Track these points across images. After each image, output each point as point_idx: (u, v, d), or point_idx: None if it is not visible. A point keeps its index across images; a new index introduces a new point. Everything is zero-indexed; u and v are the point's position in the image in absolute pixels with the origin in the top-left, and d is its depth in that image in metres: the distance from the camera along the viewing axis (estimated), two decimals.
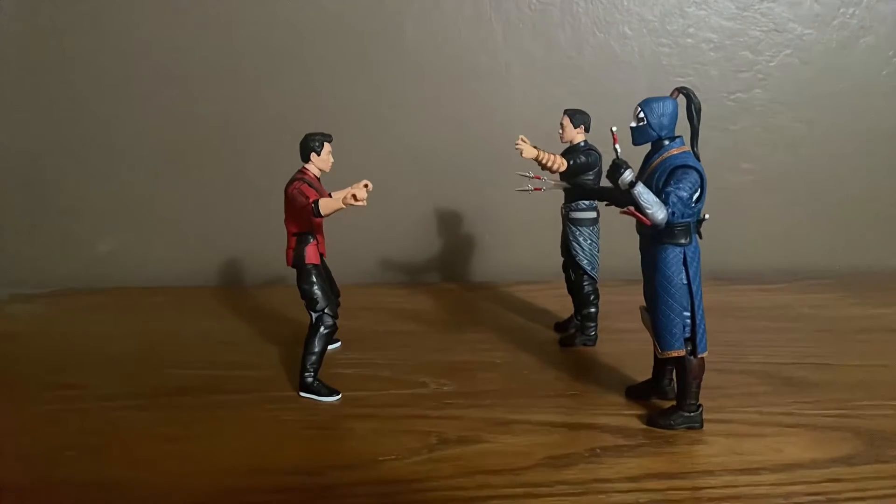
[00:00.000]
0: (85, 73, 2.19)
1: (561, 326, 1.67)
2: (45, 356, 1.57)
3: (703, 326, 1.10)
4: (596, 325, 1.56)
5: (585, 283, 1.54)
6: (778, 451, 1.05)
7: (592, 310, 1.55)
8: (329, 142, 1.35)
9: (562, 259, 1.60)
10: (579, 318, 1.59)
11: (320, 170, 1.35)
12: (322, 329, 1.31)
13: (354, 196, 1.18)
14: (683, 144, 1.10)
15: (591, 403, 1.24)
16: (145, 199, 2.27)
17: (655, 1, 2.11)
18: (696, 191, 1.05)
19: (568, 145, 1.51)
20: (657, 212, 1.02)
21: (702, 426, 1.12)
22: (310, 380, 1.30)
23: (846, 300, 1.87)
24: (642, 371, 1.28)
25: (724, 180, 2.18)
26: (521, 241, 2.18)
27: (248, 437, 1.14)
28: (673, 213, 1.03)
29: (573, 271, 1.56)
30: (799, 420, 1.16)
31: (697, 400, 1.12)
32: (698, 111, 1.10)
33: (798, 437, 1.10)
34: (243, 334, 1.70)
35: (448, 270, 2.27)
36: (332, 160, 1.36)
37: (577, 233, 1.51)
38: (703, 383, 1.12)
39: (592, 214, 1.51)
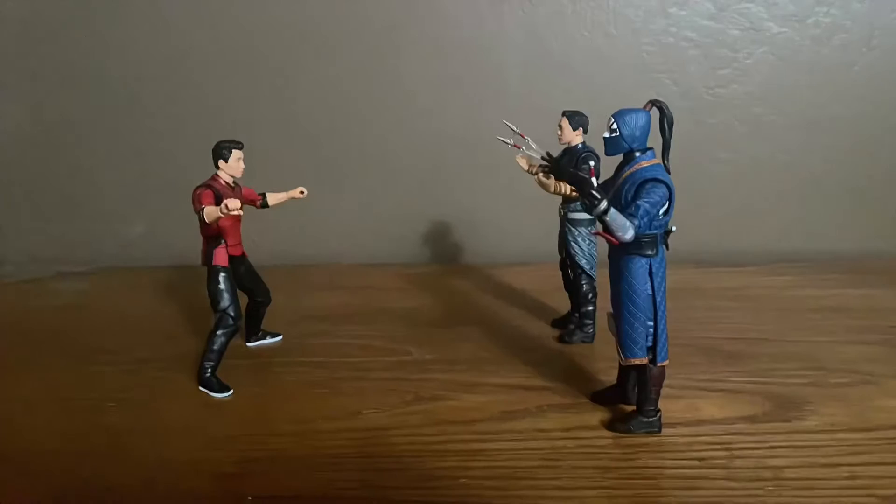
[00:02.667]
0: (125, 68, 2.43)
1: (559, 322, 1.72)
2: (88, 326, 1.83)
3: (665, 336, 1.13)
4: (594, 323, 1.60)
5: (584, 282, 1.58)
6: (695, 410, 1.25)
7: (590, 308, 1.59)
8: (239, 149, 1.40)
9: (559, 257, 1.66)
10: (577, 315, 1.63)
11: (231, 176, 1.41)
12: (221, 328, 1.38)
13: (227, 206, 1.21)
14: (654, 157, 1.11)
15: (549, 371, 1.45)
16: (173, 187, 2.50)
17: (639, 3, 2.26)
18: (664, 204, 1.07)
19: (566, 146, 1.56)
20: (627, 233, 1.04)
21: (660, 430, 1.16)
22: (207, 375, 1.38)
23: (807, 282, 2.04)
24: (607, 358, 1.43)
25: (703, 169, 2.35)
26: (515, 227, 2.37)
27: (255, 392, 1.38)
28: (639, 227, 1.05)
29: (571, 270, 1.61)
30: (722, 386, 1.35)
31: (657, 406, 1.16)
32: (671, 125, 1.10)
33: (716, 399, 1.29)
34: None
35: (454, 253, 2.48)
36: (242, 166, 1.41)
37: (576, 233, 1.56)
38: None
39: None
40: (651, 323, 1.12)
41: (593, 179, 1.05)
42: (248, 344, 1.65)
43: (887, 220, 2.35)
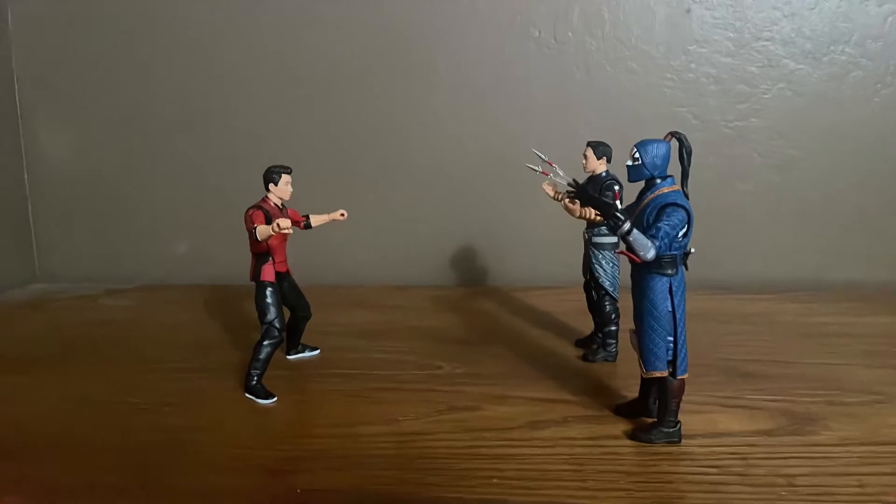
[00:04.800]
0: (171, 96, 2.60)
1: (582, 342, 1.79)
2: (139, 339, 1.95)
3: (684, 350, 1.20)
4: (617, 342, 1.67)
5: (607, 302, 1.65)
6: (713, 423, 1.32)
7: (613, 328, 1.66)
8: (287, 174, 1.52)
9: (583, 279, 1.72)
10: (600, 335, 1.70)
11: (280, 198, 1.52)
12: (267, 339, 1.47)
13: (279, 224, 1.33)
14: (674, 184, 1.19)
15: (573, 386, 1.52)
16: (214, 210, 2.65)
17: (660, 40, 2.38)
18: (682, 227, 1.15)
19: (590, 175, 1.63)
20: (648, 252, 1.12)
21: (680, 441, 1.22)
22: (253, 382, 1.48)
23: (824, 309, 2.10)
24: (630, 376, 1.51)
25: (722, 200, 2.42)
26: (539, 252, 2.47)
27: (297, 399, 1.48)
28: (659, 247, 1.13)
29: (595, 291, 1.68)
30: (739, 402, 1.42)
31: (676, 417, 1.22)
32: (689, 154, 1.19)
33: (733, 414, 1.36)
34: None
35: (477, 276, 2.58)
36: (290, 189, 1.53)
37: (600, 256, 1.63)
38: None
39: (614, 239, 1.61)
40: (671, 338, 1.20)
41: (617, 203, 1.13)
42: (289, 357, 1.75)
43: None
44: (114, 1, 2.56)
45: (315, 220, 1.68)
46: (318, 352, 1.79)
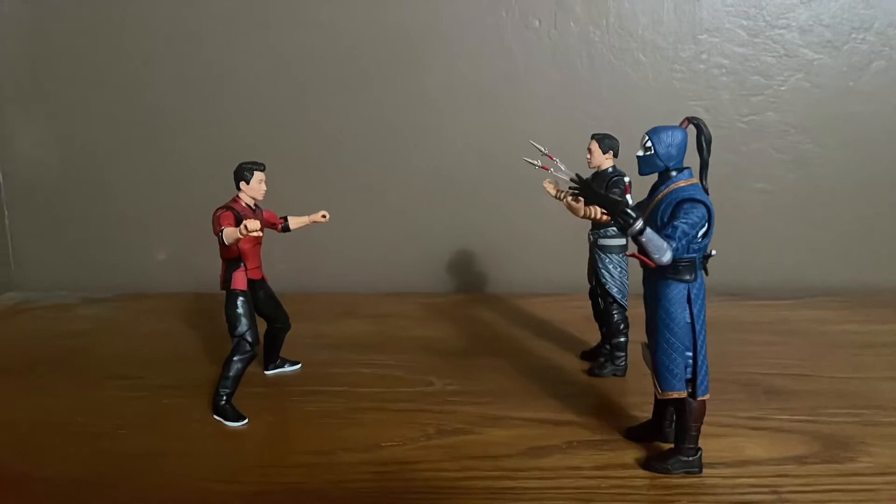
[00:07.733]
0: (150, 96, 2.45)
1: (588, 355, 1.64)
2: (109, 351, 1.80)
3: (705, 368, 1.06)
4: (626, 355, 1.52)
5: (615, 311, 1.51)
6: (738, 449, 1.17)
7: (622, 339, 1.52)
8: (261, 171, 1.37)
9: (589, 285, 1.59)
10: (608, 347, 1.56)
11: (252, 198, 1.39)
12: (238, 354, 1.34)
13: (246, 226, 1.18)
14: (692, 176, 1.06)
15: (579, 405, 1.37)
16: (195, 215, 2.50)
17: (668, 29, 2.23)
18: (702, 226, 1.01)
19: (595, 170, 1.50)
20: (664, 255, 0.99)
21: (701, 471, 1.08)
22: (222, 402, 1.34)
23: (848, 317, 1.94)
24: (641, 392, 1.35)
25: (737, 199, 2.27)
26: (540, 255, 2.31)
27: (271, 421, 1.33)
28: (676, 249, 0.99)
29: (602, 299, 1.54)
30: (766, 424, 1.26)
31: (696, 444, 1.09)
32: (709, 142, 1.05)
33: (760, 438, 1.21)
34: None
35: (474, 282, 2.43)
36: (264, 188, 1.38)
37: (607, 260, 1.49)
38: None
39: (622, 241, 1.48)
40: (690, 353, 1.05)
41: (628, 197, 0.98)
42: (266, 372, 1.60)
43: None
44: None
45: (294, 222, 1.53)
46: (298, 366, 1.64)
